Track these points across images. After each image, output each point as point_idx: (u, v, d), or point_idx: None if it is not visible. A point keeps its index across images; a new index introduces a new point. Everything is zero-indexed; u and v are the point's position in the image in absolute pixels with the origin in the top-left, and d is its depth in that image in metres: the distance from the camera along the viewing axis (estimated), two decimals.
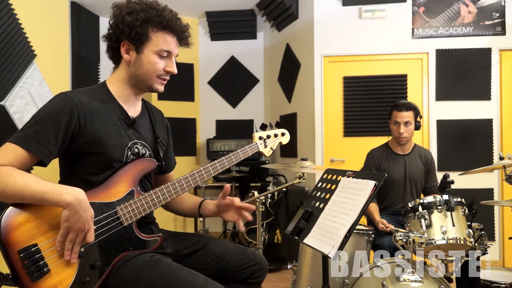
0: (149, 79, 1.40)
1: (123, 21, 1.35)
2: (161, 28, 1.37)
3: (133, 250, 1.33)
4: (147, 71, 1.38)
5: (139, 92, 1.46)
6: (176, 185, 1.40)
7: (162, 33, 1.37)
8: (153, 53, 1.37)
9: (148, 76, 1.39)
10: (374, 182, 1.36)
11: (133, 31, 1.34)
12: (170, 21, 1.37)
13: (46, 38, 3.44)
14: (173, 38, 1.40)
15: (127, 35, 1.36)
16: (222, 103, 4.97)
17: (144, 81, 1.40)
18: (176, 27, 1.39)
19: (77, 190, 1.19)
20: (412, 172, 2.72)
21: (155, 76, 1.40)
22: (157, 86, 1.42)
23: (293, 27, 4.28)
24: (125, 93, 1.43)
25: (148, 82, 1.40)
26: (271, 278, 3.41)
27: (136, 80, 1.40)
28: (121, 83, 1.42)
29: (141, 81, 1.40)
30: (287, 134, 1.71)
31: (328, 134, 3.88)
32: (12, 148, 1.22)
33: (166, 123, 1.63)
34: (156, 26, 1.36)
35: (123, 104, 1.42)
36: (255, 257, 1.52)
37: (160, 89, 1.43)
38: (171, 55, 1.41)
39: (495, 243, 3.67)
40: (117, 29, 1.37)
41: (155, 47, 1.37)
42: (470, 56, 3.71)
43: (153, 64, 1.38)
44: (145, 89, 1.44)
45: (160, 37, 1.37)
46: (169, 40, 1.39)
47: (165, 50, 1.38)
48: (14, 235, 1.15)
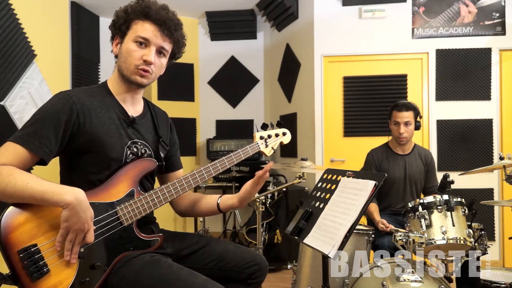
0: (127, 68, 1.36)
1: (116, 17, 1.39)
2: (142, 17, 1.36)
3: (133, 250, 1.33)
4: (125, 59, 1.36)
5: (131, 88, 1.42)
6: (176, 184, 1.40)
7: (141, 22, 1.36)
8: (130, 41, 1.36)
9: (127, 66, 1.35)
10: (374, 182, 1.36)
11: (119, 24, 1.38)
12: (150, 9, 1.35)
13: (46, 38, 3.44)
14: (153, 27, 1.36)
15: (116, 30, 1.39)
16: (222, 103, 4.97)
17: (124, 72, 1.37)
18: (155, 15, 1.35)
19: (77, 190, 1.19)
20: (412, 172, 2.72)
21: (132, 66, 1.35)
22: (135, 77, 1.36)
23: (293, 27, 4.28)
24: (122, 91, 1.42)
25: (127, 72, 1.36)
26: (271, 278, 3.41)
27: (121, 73, 1.38)
28: (116, 80, 1.42)
29: (122, 72, 1.37)
30: (288, 133, 1.70)
31: (328, 134, 3.88)
32: (12, 147, 1.22)
33: (170, 123, 1.62)
34: (137, 15, 1.36)
35: (122, 103, 1.42)
36: (255, 257, 1.52)
37: (140, 81, 1.36)
38: (150, 43, 1.36)
39: (495, 243, 3.67)
40: (111, 27, 1.41)
41: (133, 34, 1.36)
42: (470, 56, 3.71)
43: (129, 51, 1.35)
44: (128, 82, 1.39)
45: (139, 25, 1.36)
46: (148, 28, 1.35)
47: (141, 36, 1.35)
48: (14, 235, 1.15)
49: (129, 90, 1.43)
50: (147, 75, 1.37)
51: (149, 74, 1.38)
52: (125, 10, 1.37)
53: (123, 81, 1.40)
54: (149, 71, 1.37)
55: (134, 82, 1.37)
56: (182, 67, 4.72)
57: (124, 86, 1.42)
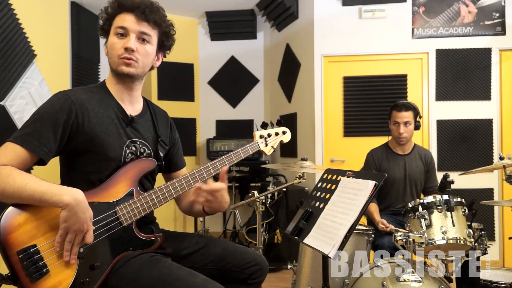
0: (113, 62, 1.37)
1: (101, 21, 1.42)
2: (119, 11, 1.38)
3: (133, 250, 1.33)
4: (110, 55, 1.38)
5: (125, 84, 1.41)
6: (176, 184, 1.40)
7: (120, 15, 1.38)
8: (112, 35, 1.38)
9: (113, 60, 1.37)
10: (374, 182, 1.36)
11: (103, 25, 1.41)
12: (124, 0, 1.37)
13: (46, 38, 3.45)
14: (130, 15, 1.37)
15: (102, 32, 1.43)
16: (222, 103, 4.97)
17: (112, 67, 1.39)
18: (128, 3, 1.37)
19: (76, 191, 1.19)
20: (412, 172, 2.72)
21: (116, 57, 1.36)
22: (121, 67, 1.36)
23: (293, 27, 4.28)
24: (119, 90, 1.42)
25: (114, 65, 1.37)
26: (271, 278, 3.41)
27: (111, 69, 1.40)
28: (112, 79, 1.43)
29: (111, 67, 1.39)
30: (288, 132, 1.70)
31: (328, 134, 3.87)
32: (12, 147, 1.22)
33: (170, 122, 1.62)
34: (115, 10, 1.38)
35: (121, 102, 1.42)
36: (255, 257, 1.52)
37: (127, 70, 1.36)
38: (128, 31, 1.36)
39: (495, 243, 3.67)
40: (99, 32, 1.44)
41: (113, 29, 1.38)
42: (470, 56, 3.71)
43: (112, 45, 1.37)
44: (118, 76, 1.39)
45: (118, 19, 1.38)
46: (125, 18, 1.37)
47: (119, 26, 1.36)
48: (13, 235, 1.15)
49: (124, 86, 1.42)
50: (132, 63, 1.36)
51: (134, 62, 1.37)
52: (105, 10, 1.41)
53: (116, 77, 1.41)
54: (132, 58, 1.36)
55: (121, 73, 1.37)
56: (182, 67, 4.72)
57: (119, 83, 1.42)
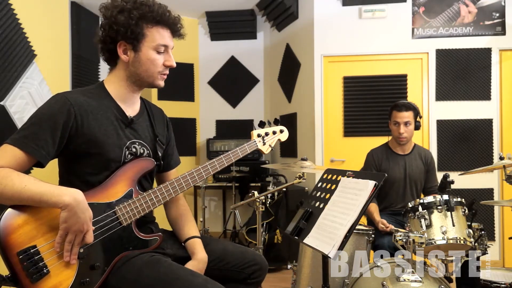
0: (151, 76, 1.40)
1: (116, 21, 1.33)
2: (155, 23, 1.36)
3: (133, 250, 1.33)
4: (147, 68, 1.38)
5: (138, 90, 1.45)
6: (174, 184, 1.40)
7: (156, 28, 1.37)
8: (151, 50, 1.37)
9: (149, 74, 1.39)
10: (374, 182, 1.36)
11: (129, 30, 1.32)
12: (164, 15, 1.37)
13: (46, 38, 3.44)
14: (167, 31, 1.40)
15: (123, 35, 1.33)
16: (222, 103, 4.97)
17: (145, 79, 1.40)
18: (169, 20, 1.39)
19: (75, 191, 1.19)
20: (412, 172, 2.72)
21: (156, 73, 1.40)
22: (159, 82, 1.42)
23: (293, 27, 4.28)
24: (123, 92, 1.42)
25: (150, 79, 1.40)
26: (271, 278, 3.41)
27: (136, 78, 1.40)
28: (121, 82, 1.41)
29: (142, 79, 1.40)
30: (286, 131, 1.71)
31: (328, 134, 3.87)
32: (10, 150, 1.21)
33: (166, 120, 1.62)
34: (150, 22, 1.35)
35: (120, 103, 1.42)
36: (255, 257, 1.52)
37: (162, 85, 1.44)
38: (168, 48, 1.41)
39: (495, 243, 3.67)
40: (111, 31, 1.34)
41: (152, 43, 1.36)
42: (470, 56, 3.70)
43: (152, 60, 1.37)
44: (145, 86, 1.45)
45: (155, 33, 1.37)
46: (164, 34, 1.38)
47: (162, 44, 1.38)
48: (13, 237, 1.15)
49: (134, 91, 1.44)
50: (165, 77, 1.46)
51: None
52: (129, 15, 1.32)
53: (133, 85, 1.41)
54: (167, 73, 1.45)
55: (156, 86, 1.44)
56: (182, 67, 4.71)
57: (130, 88, 1.42)
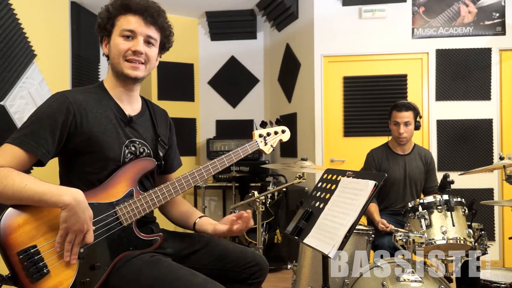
0: (118, 63, 1.37)
1: (100, 20, 1.40)
2: (123, 12, 1.37)
3: (133, 250, 1.33)
4: (114, 55, 1.38)
5: (126, 85, 1.42)
6: (175, 184, 1.40)
7: (124, 16, 1.37)
8: (117, 36, 1.37)
9: (116, 61, 1.37)
10: (374, 182, 1.36)
11: (104, 24, 1.38)
12: (129, 1, 1.37)
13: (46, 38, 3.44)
14: (137, 17, 1.37)
15: (102, 30, 1.40)
16: (222, 103, 4.96)
17: (116, 67, 1.38)
18: (135, 6, 1.36)
19: (76, 191, 1.19)
20: (412, 172, 2.72)
21: (121, 59, 1.36)
22: (127, 70, 1.36)
23: (293, 27, 4.28)
24: (118, 90, 1.42)
25: (118, 67, 1.37)
26: (271, 278, 3.41)
27: (115, 70, 1.40)
28: (112, 79, 1.42)
29: (115, 69, 1.39)
30: (287, 131, 1.70)
31: (328, 134, 3.87)
32: (10, 149, 1.22)
33: (169, 122, 1.62)
34: (118, 11, 1.37)
35: (119, 102, 1.42)
36: (255, 257, 1.52)
37: (132, 74, 1.37)
38: (136, 34, 1.37)
39: (495, 243, 3.67)
40: (97, 30, 1.42)
41: (118, 29, 1.37)
42: (470, 56, 3.71)
43: (117, 45, 1.36)
44: (122, 79, 1.40)
45: (123, 20, 1.37)
46: (131, 20, 1.36)
47: (126, 29, 1.36)
48: (13, 236, 1.15)
49: (124, 87, 1.42)
50: (139, 67, 1.38)
51: (141, 65, 1.39)
52: (107, 9, 1.39)
53: (118, 79, 1.41)
54: (140, 61, 1.38)
55: (128, 76, 1.37)
56: (182, 67, 4.72)
57: (119, 84, 1.42)
